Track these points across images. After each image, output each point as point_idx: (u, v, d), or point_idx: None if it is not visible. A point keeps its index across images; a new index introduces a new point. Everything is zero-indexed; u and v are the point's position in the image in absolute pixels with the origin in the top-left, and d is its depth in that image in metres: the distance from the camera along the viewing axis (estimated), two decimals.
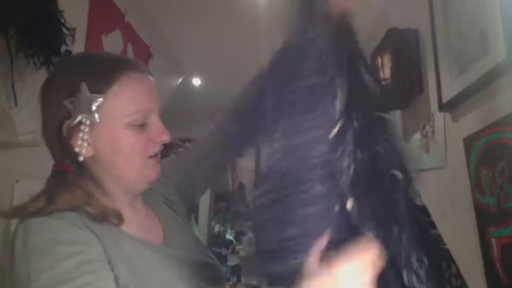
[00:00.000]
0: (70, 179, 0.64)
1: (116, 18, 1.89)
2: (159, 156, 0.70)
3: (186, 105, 3.53)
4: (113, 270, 0.58)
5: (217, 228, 5.12)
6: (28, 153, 1.27)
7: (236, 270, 4.55)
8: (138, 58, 2.10)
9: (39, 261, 0.54)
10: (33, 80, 1.26)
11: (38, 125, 0.68)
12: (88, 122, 0.62)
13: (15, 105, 1.18)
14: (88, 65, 0.66)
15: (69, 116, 0.62)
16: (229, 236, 5.01)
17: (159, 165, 0.71)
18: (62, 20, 1.30)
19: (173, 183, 0.84)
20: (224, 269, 4.65)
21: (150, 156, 0.68)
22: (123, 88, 0.64)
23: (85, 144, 0.62)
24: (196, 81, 3.47)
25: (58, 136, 0.64)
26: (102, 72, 0.64)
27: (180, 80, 3.15)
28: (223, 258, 4.65)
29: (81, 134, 0.62)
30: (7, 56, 1.14)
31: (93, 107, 0.62)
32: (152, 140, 0.67)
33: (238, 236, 4.93)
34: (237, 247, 4.65)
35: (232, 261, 4.59)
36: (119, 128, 0.64)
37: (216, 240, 4.86)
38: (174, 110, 2.67)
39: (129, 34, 2.00)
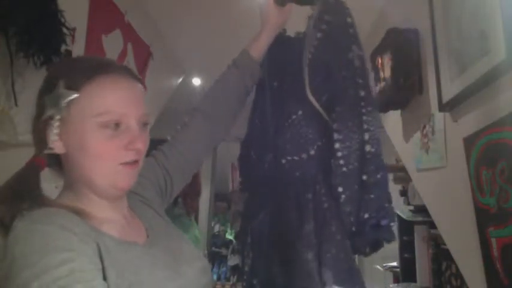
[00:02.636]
0: (38, 181, 0.64)
1: (116, 18, 1.89)
2: (137, 164, 0.68)
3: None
4: (103, 275, 0.57)
5: (217, 228, 5.12)
6: (28, 153, 1.26)
7: (236, 270, 4.55)
8: (138, 58, 2.10)
9: (26, 270, 0.51)
10: (33, 80, 1.26)
11: None
12: (57, 117, 0.62)
13: (15, 105, 1.18)
14: (69, 64, 0.68)
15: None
16: (229, 236, 5.02)
17: (134, 174, 0.68)
18: (62, 20, 1.29)
19: (151, 182, 0.84)
20: (224, 269, 4.65)
21: (124, 164, 0.66)
22: (98, 87, 0.64)
23: (56, 138, 0.63)
24: (196, 81, 3.47)
25: (38, 131, 0.65)
26: (79, 70, 0.65)
27: (180, 80, 3.15)
28: (223, 258, 4.65)
29: (48, 130, 0.63)
30: (7, 56, 1.14)
31: (64, 102, 0.62)
32: (125, 147, 0.65)
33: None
34: (237, 247, 4.64)
35: (232, 261, 4.59)
36: (89, 129, 0.63)
37: (216, 240, 4.86)
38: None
39: (129, 34, 2.00)
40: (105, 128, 0.63)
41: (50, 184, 0.69)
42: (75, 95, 0.62)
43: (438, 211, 1.43)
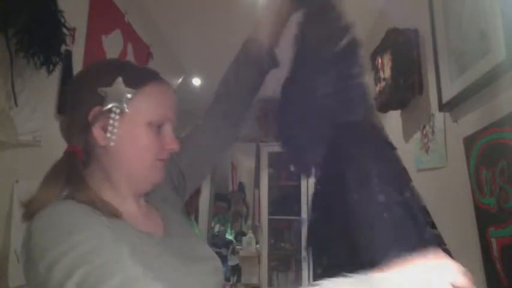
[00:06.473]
0: (79, 167, 0.67)
1: (116, 18, 1.89)
2: (165, 160, 0.75)
3: (186, 105, 3.52)
4: None
5: (217, 228, 5.12)
6: (28, 153, 1.27)
7: (236, 270, 4.55)
8: (138, 58, 2.10)
9: (55, 248, 0.54)
10: (33, 80, 1.26)
11: (39, 124, 0.68)
12: (118, 111, 0.67)
13: (15, 105, 1.18)
14: (126, 65, 0.75)
15: (100, 103, 0.67)
16: (229, 236, 5.02)
17: (163, 169, 0.75)
18: (62, 20, 1.29)
19: (165, 178, 0.85)
20: (224, 269, 4.65)
21: (159, 160, 0.73)
22: (153, 91, 0.72)
23: (115, 130, 0.67)
24: (196, 81, 3.47)
25: (82, 121, 0.67)
26: (137, 73, 0.73)
27: (180, 80, 3.15)
28: (223, 258, 4.65)
29: (110, 121, 0.67)
30: (7, 56, 1.14)
31: (125, 99, 0.68)
32: (163, 146, 0.73)
33: (238, 236, 4.94)
34: (237, 247, 4.65)
35: (232, 261, 4.59)
36: (140, 124, 0.70)
37: (216, 240, 4.87)
38: None
39: (129, 34, 2.01)
40: (151, 126, 0.71)
41: None
42: (134, 93, 0.68)
43: (438, 211, 1.43)
